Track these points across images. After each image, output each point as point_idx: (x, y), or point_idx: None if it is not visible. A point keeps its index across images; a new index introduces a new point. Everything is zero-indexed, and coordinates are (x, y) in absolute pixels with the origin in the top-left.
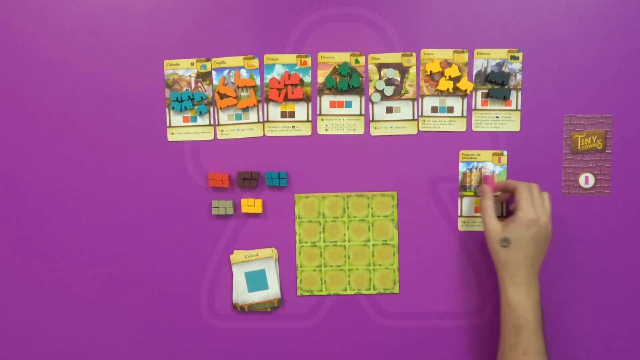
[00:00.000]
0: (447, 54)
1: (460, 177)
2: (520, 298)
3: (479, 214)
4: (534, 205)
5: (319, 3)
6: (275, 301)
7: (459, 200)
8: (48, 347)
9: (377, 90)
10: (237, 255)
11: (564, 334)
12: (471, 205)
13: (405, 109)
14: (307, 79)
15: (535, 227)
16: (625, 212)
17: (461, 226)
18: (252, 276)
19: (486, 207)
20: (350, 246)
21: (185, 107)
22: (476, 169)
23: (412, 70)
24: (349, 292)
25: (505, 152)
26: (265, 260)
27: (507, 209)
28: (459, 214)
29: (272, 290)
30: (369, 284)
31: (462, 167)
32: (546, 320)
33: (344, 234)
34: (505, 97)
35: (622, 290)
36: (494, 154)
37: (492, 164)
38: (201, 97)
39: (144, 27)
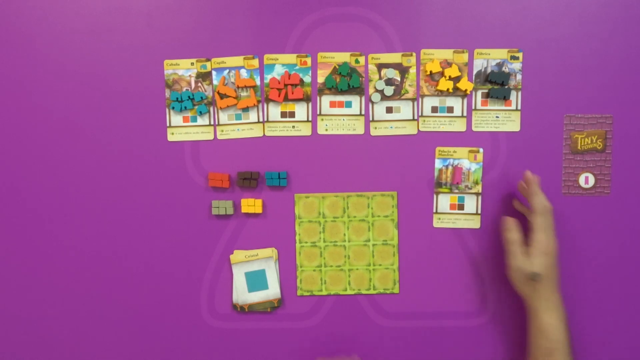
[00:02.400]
0: (447, 54)
1: (436, 174)
2: (554, 321)
3: (454, 211)
4: (548, 225)
5: (319, 3)
6: (275, 301)
7: (434, 197)
8: (48, 347)
9: (377, 90)
10: (237, 255)
11: None
12: (446, 202)
13: (405, 109)
14: (307, 79)
15: (556, 251)
16: (625, 212)
17: (436, 223)
18: (252, 276)
19: (511, 242)
20: (350, 246)
21: (185, 107)
22: (452, 165)
23: (412, 70)
24: (349, 292)
25: (481, 150)
26: (265, 260)
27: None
28: (434, 211)
29: (272, 290)
30: (369, 284)
31: (438, 164)
32: None
33: (344, 234)
34: (505, 97)
35: (622, 290)
36: (470, 151)
37: (467, 161)
38: (201, 97)
39: (144, 27)
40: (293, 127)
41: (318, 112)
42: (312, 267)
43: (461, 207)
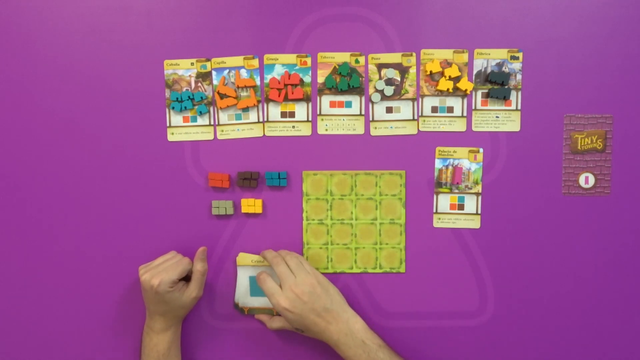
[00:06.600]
0: (447, 54)
1: (436, 174)
2: (349, 353)
3: (454, 211)
4: (285, 286)
5: (319, 3)
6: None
7: (435, 196)
8: (48, 347)
9: (377, 90)
10: (244, 259)
11: (563, 333)
12: (446, 202)
13: (405, 109)
14: (307, 79)
15: (297, 308)
16: (625, 212)
17: (436, 223)
18: (256, 282)
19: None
20: (357, 224)
21: (185, 107)
22: (452, 165)
23: (412, 70)
24: (355, 270)
25: (481, 150)
26: (271, 268)
27: None
28: (434, 211)
29: None
30: (375, 262)
31: (438, 164)
32: (546, 318)
33: (351, 212)
34: (505, 97)
35: (622, 291)
36: (470, 151)
37: (467, 161)
38: (201, 97)
39: (144, 27)
40: (293, 127)
41: (318, 112)
42: (318, 245)
43: (461, 207)
